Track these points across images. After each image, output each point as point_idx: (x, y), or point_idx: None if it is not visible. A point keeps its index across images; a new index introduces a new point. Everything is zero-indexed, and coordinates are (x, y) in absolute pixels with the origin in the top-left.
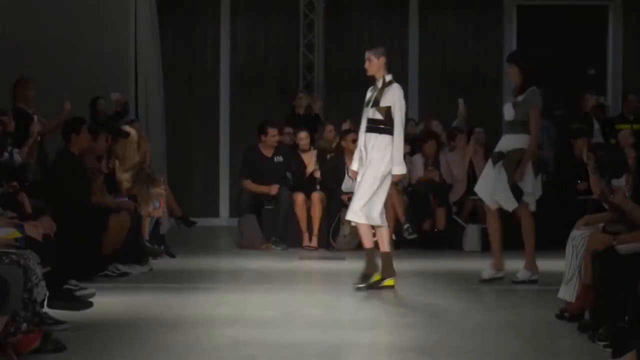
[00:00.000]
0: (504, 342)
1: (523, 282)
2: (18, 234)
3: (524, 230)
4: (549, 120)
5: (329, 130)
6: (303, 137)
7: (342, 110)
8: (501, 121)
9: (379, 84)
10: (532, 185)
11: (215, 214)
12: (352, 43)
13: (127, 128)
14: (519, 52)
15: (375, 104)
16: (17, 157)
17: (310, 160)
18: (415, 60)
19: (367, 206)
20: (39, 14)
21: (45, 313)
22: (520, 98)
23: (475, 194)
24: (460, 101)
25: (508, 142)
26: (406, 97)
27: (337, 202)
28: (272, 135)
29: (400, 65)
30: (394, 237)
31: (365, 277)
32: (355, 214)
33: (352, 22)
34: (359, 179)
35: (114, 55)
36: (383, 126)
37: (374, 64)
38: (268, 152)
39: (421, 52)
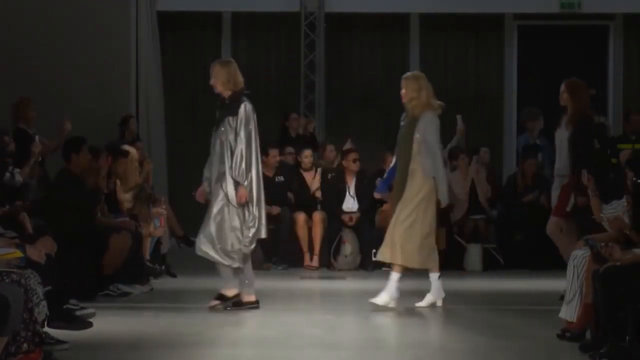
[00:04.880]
0: None
1: None
2: (20, 254)
3: None
4: (548, 140)
5: (330, 150)
6: (308, 154)
7: (343, 130)
8: (502, 140)
9: None
10: None
11: None
12: (353, 63)
13: (126, 147)
14: None
15: None
16: (18, 177)
17: (312, 180)
18: None
19: None
20: (40, 33)
21: (46, 333)
22: None
23: (476, 213)
24: (459, 118)
25: None
26: None
27: (338, 221)
28: (273, 156)
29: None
30: None
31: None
32: None
33: (353, 42)
34: None
35: (115, 74)
36: None
37: None
38: (269, 172)
39: (422, 72)
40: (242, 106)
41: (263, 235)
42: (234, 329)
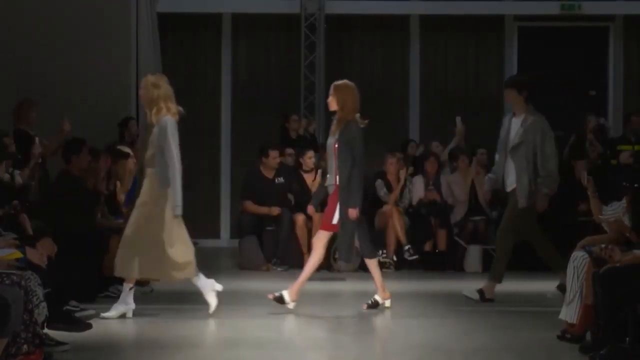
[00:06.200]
0: None
1: None
2: (20, 255)
3: None
4: None
5: None
6: (310, 155)
7: None
8: None
9: None
10: None
11: (216, 235)
12: (353, 64)
13: (125, 149)
14: None
15: None
16: (18, 179)
17: (312, 181)
18: (416, 82)
19: None
20: (40, 34)
21: (47, 334)
22: None
23: (476, 214)
24: (458, 119)
25: None
26: (407, 118)
27: None
28: (273, 157)
29: (401, 87)
30: (394, 258)
31: None
32: None
33: (353, 43)
34: None
35: (115, 76)
36: None
37: None
38: (269, 174)
39: (422, 73)
40: None
41: None
42: (234, 329)
